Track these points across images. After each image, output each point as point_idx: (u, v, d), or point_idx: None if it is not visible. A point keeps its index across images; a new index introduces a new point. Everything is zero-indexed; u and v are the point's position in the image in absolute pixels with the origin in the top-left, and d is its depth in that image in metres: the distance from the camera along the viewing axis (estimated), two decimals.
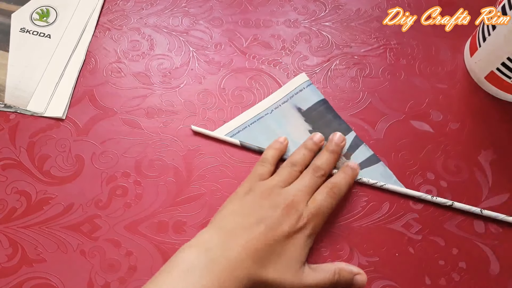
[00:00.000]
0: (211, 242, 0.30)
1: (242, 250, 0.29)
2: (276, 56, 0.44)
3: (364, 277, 0.32)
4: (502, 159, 0.39)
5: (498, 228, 0.36)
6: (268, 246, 0.30)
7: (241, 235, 0.30)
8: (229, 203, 0.34)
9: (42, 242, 0.35)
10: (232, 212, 0.32)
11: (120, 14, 0.46)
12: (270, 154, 0.36)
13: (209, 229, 0.32)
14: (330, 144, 0.36)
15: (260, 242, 0.30)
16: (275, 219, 0.31)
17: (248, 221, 0.31)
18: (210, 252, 0.29)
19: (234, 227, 0.31)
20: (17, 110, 0.40)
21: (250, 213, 0.32)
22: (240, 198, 0.33)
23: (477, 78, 0.42)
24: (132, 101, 0.41)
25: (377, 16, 0.46)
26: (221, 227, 0.31)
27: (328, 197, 0.33)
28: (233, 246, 0.29)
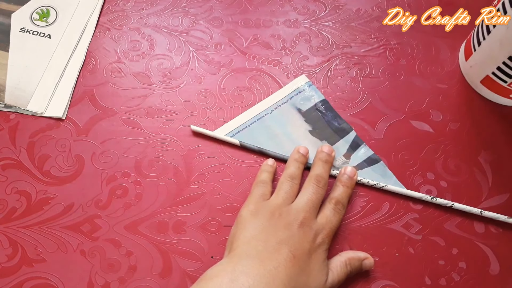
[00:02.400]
0: (236, 272, 0.28)
1: (272, 277, 0.28)
2: (276, 56, 0.44)
3: (371, 260, 0.33)
4: (502, 159, 0.39)
5: (498, 228, 0.36)
6: (297, 269, 0.29)
7: (267, 260, 0.29)
8: (241, 230, 0.32)
9: (42, 242, 0.35)
10: (249, 239, 0.31)
11: (120, 14, 0.46)
12: (265, 176, 0.36)
13: (231, 258, 0.30)
14: (322, 155, 0.37)
15: (288, 266, 0.29)
16: (295, 238, 0.31)
17: (270, 245, 0.30)
18: (237, 282, 0.27)
19: (256, 253, 0.30)
20: (17, 110, 0.40)
21: (267, 236, 0.31)
22: (250, 222, 0.32)
23: (472, 82, 0.42)
24: (132, 101, 0.41)
25: (377, 16, 0.46)
26: (242, 255, 0.30)
27: (335, 213, 0.34)
28: (261, 274, 0.28)
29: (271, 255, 0.30)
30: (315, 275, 0.30)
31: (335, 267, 0.32)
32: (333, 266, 0.32)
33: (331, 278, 0.31)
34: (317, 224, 0.33)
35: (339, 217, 0.34)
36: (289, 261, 0.29)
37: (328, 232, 0.33)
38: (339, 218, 0.34)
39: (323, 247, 0.32)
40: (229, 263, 0.29)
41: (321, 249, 0.32)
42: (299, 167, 0.36)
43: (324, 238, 0.32)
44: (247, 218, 0.33)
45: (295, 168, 0.36)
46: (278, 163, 0.38)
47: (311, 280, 0.30)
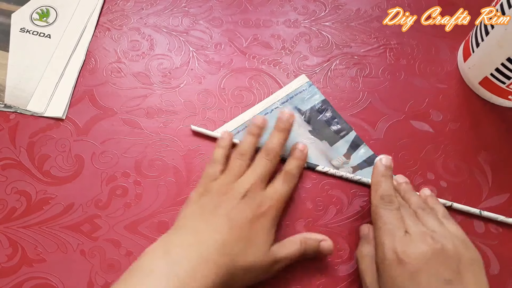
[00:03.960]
0: (172, 244, 0.29)
1: (205, 247, 0.29)
2: (276, 56, 0.44)
3: (329, 243, 0.33)
4: (502, 159, 0.39)
5: (498, 228, 0.36)
6: (234, 236, 0.30)
7: (203, 231, 0.30)
8: (185, 208, 0.33)
9: (42, 242, 0.35)
10: (190, 214, 0.32)
11: (120, 14, 0.46)
12: (218, 154, 0.36)
13: (168, 232, 0.31)
14: (280, 123, 0.36)
15: (224, 234, 0.30)
16: (236, 209, 0.31)
17: (209, 217, 0.31)
18: (169, 254, 0.28)
19: (194, 225, 0.31)
20: (17, 110, 0.40)
21: (209, 210, 0.31)
22: (196, 201, 0.33)
23: (471, 83, 0.42)
24: (132, 101, 0.41)
25: (377, 16, 0.46)
26: (180, 228, 0.31)
27: (284, 184, 0.34)
28: (194, 245, 0.29)
29: (208, 225, 0.30)
30: (255, 243, 0.30)
31: (287, 241, 0.32)
32: (286, 241, 0.32)
33: (277, 250, 0.31)
34: (263, 194, 0.33)
35: (288, 188, 0.34)
36: (226, 229, 0.30)
37: (275, 202, 0.33)
38: (288, 189, 0.34)
39: (268, 216, 0.32)
40: (165, 237, 0.30)
41: (265, 218, 0.32)
42: (251, 141, 0.36)
43: (269, 208, 0.32)
44: (194, 198, 0.33)
45: (246, 143, 0.35)
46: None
47: (250, 247, 0.30)
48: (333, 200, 0.37)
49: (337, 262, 0.34)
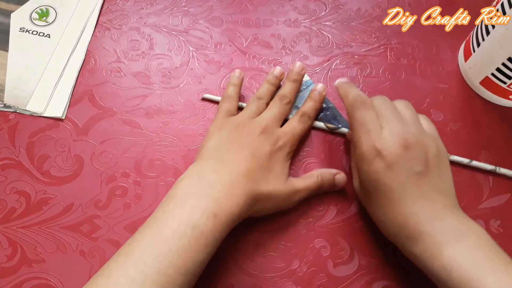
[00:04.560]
0: (202, 171, 0.32)
1: (234, 172, 0.32)
2: (276, 56, 0.44)
3: (343, 175, 0.36)
4: (503, 159, 0.39)
5: (499, 228, 0.36)
6: (256, 165, 0.33)
7: (230, 161, 0.33)
8: (208, 140, 0.35)
9: (41, 242, 0.35)
10: (214, 146, 0.34)
11: (119, 13, 0.46)
12: (231, 90, 0.39)
13: (197, 162, 0.33)
14: (292, 74, 0.39)
15: (248, 163, 0.33)
16: (256, 142, 0.34)
17: (233, 149, 0.34)
18: (204, 178, 0.31)
19: (221, 155, 0.33)
20: (16, 110, 0.40)
21: (231, 143, 0.34)
22: (216, 133, 0.35)
23: (472, 83, 0.42)
24: (131, 101, 0.41)
25: (377, 16, 0.46)
26: (208, 158, 0.34)
27: (300, 123, 0.37)
28: (225, 171, 0.32)
29: (233, 156, 0.33)
30: (275, 172, 0.34)
31: (305, 176, 0.36)
32: (304, 176, 0.36)
33: (298, 182, 0.34)
34: (280, 131, 0.36)
35: (303, 127, 0.37)
36: (249, 159, 0.33)
37: (290, 138, 0.36)
38: (303, 128, 0.37)
39: (284, 150, 0.35)
40: (195, 165, 0.33)
41: (281, 152, 0.35)
42: (268, 88, 0.39)
43: (285, 143, 0.35)
44: (214, 131, 0.36)
45: (264, 89, 0.39)
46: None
47: (270, 175, 0.33)
48: (333, 200, 0.37)
49: (337, 262, 0.34)
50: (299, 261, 0.34)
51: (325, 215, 0.36)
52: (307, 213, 0.36)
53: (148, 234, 0.28)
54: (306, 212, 0.36)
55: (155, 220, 0.29)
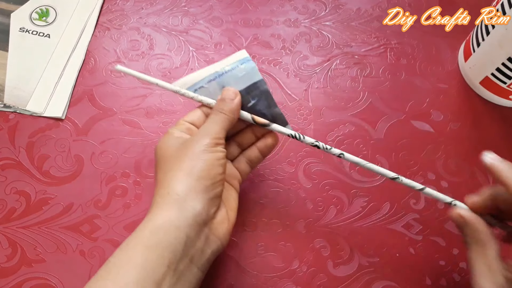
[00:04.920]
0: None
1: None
2: (276, 56, 0.44)
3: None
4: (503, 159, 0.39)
5: (499, 228, 0.36)
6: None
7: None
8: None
9: (41, 242, 0.35)
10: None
11: (119, 13, 0.46)
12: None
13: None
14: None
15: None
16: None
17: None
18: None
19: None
20: (16, 110, 0.40)
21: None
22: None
23: (472, 83, 0.42)
24: (131, 101, 0.41)
25: (377, 16, 0.46)
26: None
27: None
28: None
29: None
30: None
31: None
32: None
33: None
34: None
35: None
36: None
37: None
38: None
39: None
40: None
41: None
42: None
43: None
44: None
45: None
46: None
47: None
48: (333, 200, 0.37)
49: (337, 262, 0.34)
50: (299, 261, 0.34)
51: (325, 215, 0.36)
52: (307, 213, 0.36)
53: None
54: (306, 212, 0.36)
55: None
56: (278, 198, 0.37)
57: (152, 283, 0.23)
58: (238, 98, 0.30)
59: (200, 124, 0.31)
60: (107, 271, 0.24)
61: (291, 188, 0.37)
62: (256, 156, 0.32)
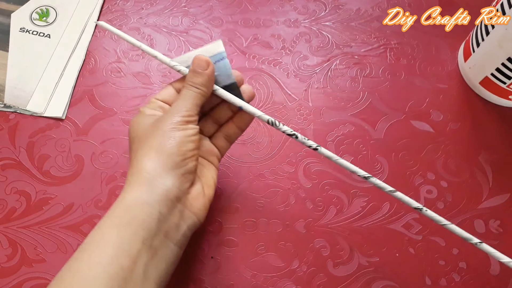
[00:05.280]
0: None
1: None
2: (276, 56, 0.44)
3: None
4: (502, 159, 0.39)
5: (499, 228, 0.36)
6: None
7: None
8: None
9: (41, 242, 0.35)
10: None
11: (120, 14, 0.46)
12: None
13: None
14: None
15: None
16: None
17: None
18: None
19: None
20: (16, 110, 0.40)
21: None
22: None
23: (471, 83, 0.42)
24: (132, 101, 0.41)
25: (377, 16, 0.46)
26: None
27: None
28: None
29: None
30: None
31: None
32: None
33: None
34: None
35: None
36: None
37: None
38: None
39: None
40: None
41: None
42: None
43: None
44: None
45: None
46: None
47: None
48: (333, 200, 0.37)
49: (337, 262, 0.34)
50: (299, 261, 0.34)
51: (325, 215, 0.36)
52: (307, 213, 0.36)
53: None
54: (306, 212, 0.36)
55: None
56: (278, 198, 0.37)
57: (127, 260, 0.23)
58: (210, 69, 0.29)
59: (172, 101, 0.30)
60: (82, 252, 0.24)
61: (291, 188, 0.37)
62: (234, 132, 0.32)
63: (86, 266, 0.23)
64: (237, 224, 0.36)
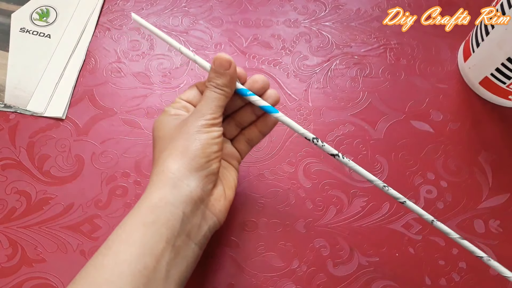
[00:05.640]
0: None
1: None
2: (276, 56, 0.44)
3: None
4: (502, 159, 0.39)
5: (498, 228, 0.36)
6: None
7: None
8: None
9: (42, 242, 0.35)
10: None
11: (120, 14, 0.46)
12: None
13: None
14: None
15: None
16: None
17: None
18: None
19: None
20: (17, 110, 0.40)
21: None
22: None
23: (471, 83, 0.42)
24: (132, 101, 0.41)
25: (377, 16, 0.46)
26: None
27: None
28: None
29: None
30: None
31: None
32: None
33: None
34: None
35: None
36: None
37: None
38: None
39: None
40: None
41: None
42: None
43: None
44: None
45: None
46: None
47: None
48: (333, 200, 0.37)
49: (337, 262, 0.34)
50: (299, 260, 0.34)
51: (325, 215, 0.36)
52: (307, 213, 0.36)
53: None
54: (306, 212, 0.36)
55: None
56: (278, 198, 0.37)
57: (151, 259, 0.24)
58: (233, 68, 0.28)
59: (196, 102, 0.30)
60: (107, 248, 0.25)
61: (291, 188, 0.37)
62: (256, 136, 0.32)
63: (112, 262, 0.24)
64: (237, 224, 0.36)
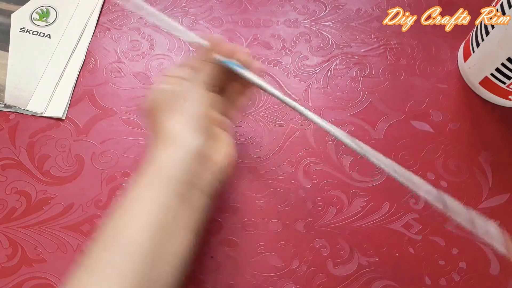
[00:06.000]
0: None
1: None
2: (276, 56, 0.44)
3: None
4: (502, 159, 0.39)
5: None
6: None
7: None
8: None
9: (42, 242, 0.35)
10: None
11: (120, 14, 0.46)
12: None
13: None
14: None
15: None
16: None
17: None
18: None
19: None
20: (17, 110, 0.40)
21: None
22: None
23: (471, 83, 0.42)
24: (132, 101, 0.41)
25: (377, 16, 0.46)
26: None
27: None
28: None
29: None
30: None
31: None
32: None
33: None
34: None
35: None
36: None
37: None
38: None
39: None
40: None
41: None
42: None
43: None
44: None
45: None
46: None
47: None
48: (333, 200, 0.37)
49: (337, 262, 0.34)
50: (299, 260, 0.34)
51: (324, 215, 0.36)
52: (307, 213, 0.36)
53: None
54: (306, 212, 0.36)
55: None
56: (278, 198, 0.37)
57: (167, 212, 0.26)
58: (213, 41, 0.31)
59: (188, 77, 0.31)
60: (124, 209, 0.26)
61: (291, 188, 0.37)
62: (246, 102, 0.34)
63: (130, 222, 0.25)
64: (237, 224, 0.36)
